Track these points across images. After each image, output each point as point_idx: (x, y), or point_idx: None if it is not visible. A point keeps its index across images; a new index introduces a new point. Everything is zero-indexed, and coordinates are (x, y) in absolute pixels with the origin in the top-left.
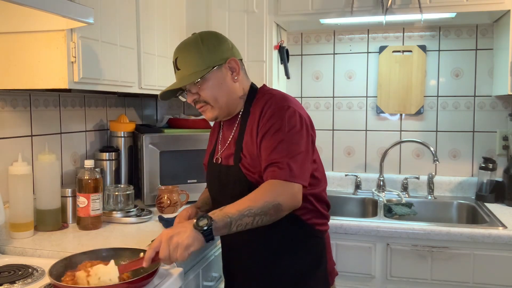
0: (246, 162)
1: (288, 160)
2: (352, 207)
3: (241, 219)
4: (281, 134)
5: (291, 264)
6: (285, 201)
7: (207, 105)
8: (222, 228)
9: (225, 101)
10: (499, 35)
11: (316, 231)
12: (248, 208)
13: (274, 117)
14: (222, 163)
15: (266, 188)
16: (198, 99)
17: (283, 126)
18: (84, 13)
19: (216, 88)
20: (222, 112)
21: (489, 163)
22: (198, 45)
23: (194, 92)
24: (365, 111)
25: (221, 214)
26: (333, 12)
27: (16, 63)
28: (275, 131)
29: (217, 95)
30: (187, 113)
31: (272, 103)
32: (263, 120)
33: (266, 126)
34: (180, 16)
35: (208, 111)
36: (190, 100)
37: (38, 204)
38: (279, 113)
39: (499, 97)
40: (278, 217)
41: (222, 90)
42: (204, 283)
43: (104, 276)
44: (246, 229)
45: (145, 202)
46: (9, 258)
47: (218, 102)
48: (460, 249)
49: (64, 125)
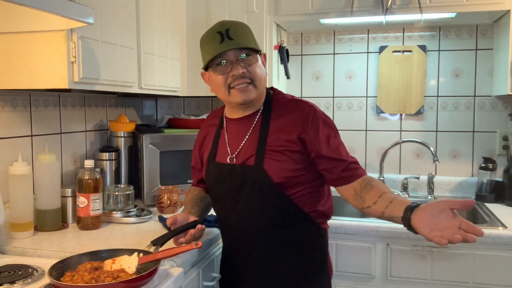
0: (270, 163)
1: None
2: (352, 207)
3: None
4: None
5: (299, 262)
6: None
7: (250, 85)
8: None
9: (263, 86)
10: (499, 35)
11: (321, 229)
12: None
13: (326, 124)
14: (236, 162)
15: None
16: (245, 75)
17: (332, 132)
18: (84, 13)
19: (261, 70)
20: (258, 96)
21: (489, 163)
22: (249, 28)
23: (243, 65)
24: (365, 111)
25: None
26: (333, 12)
27: (16, 63)
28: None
29: (262, 76)
30: (187, 113)
31: (315, 111)
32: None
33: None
34: (180, 16)
35: (251, 90)
36: (238, 72)
37: (38, 204)
38: (328, 120)
39: (499, 97)
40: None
41: (263, 75)
42: (204, 283)
43: (125, 264)
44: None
45: (145, 202)
46: (9, 258)
47: (261, 83)
48: (460, 249)
49: (64, 125)
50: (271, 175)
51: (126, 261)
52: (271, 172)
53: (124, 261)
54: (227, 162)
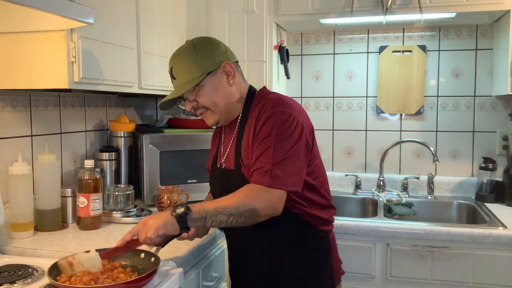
0: (246, 167)
1: (271, 166)
2: (352, 207)
3: (216, 215)
4: (269, 141)
5: (296, 264)
6: (262, 206)
7: (207, 111)
8: (197, 220)
9: (224, 105)
10: (499, 35)
11: (320, 231)
12: (224, 206)
13: (267, 123)
14: (225, 167)
15: (246, 191)
16: (197, 106)
17: (272, 133)
18: (84, 13)
19: (213, 93)
20: (222, 116)
21: (489, 163)
22: (191, 53)
23: (191, 99)
24: (365, 111)
25: (199, 207)
26: (333, 12)
27: (16, 63)
28: (264, 137)
29: (215, 99)
30: (187, 113)
31: (267, 108)
32: (257, 126)
33: (258, 132)
34: (180, 16)
35: (209, 116)
36: (189, 108)
37: (38, 204)
38: (271, 119)
39: (499, 97)
40: (255, 221)
41: (220, 95)
42: (204, 283)
43: (87, 263)
44: (223, 226)
45: (145, 202)
46: (9, 258)
47: (217, 106)
48: (460, 249)
49: (64, 125)
50: (248, 178)
51: (86, 259)
52: (247, 176)
53: (84, 259)
54: (218, 166)
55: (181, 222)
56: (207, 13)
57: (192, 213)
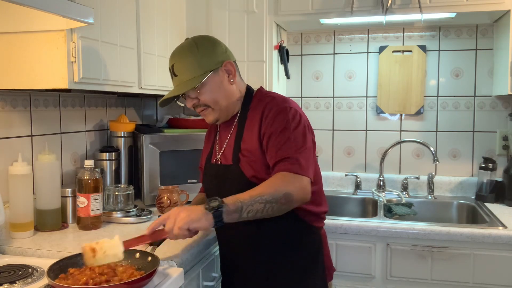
0: (245, 162)
1: (297, 155)
2: (352, 207)
3: (252, 204)
4: (288, 132)
5: (287, 260)
6: (296, 191)
7: (208, 108)
8: (233, 212)
9: (225, 104)
10: (499, 35)
11: (312, 227)
12: (259, 194)
13: (279, 117)
14: (221, 163)
15: (278, 177)
16: (198, 103)
17: (289, 125)
18: (84, 13)
19: (215, 92)
20: (222, 114)
21: (489, 163)
22: (194, 51)
23: (193, 97)
24: (365, 111)
25: (233, 198)
26: (333, 12)
27: (16, 63)
28: (282, 130)
29: (217, 97)
30: (187, 113)
31: (274, 105)
32: (266, 122)
33: (272, 126)
34: (180, 16)
35: (209, 114)
36: (190, 105)
37: (38, 204)
38: (283, 113)
39: (499, 97)
40: (289, 207)
41: (221, 93)
42: (204, 283)
43: (110, 251)
44: (257, 217)
45: (145, 202)
46: (9, 258)
47: (218, 104)
48: (460, 249)
49: (64, 125)
50: (246, 173)
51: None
52: (246, 171)
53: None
54: (213, 162)
55: (216, 215)
56: (207, 13)
57: (227, 205)
